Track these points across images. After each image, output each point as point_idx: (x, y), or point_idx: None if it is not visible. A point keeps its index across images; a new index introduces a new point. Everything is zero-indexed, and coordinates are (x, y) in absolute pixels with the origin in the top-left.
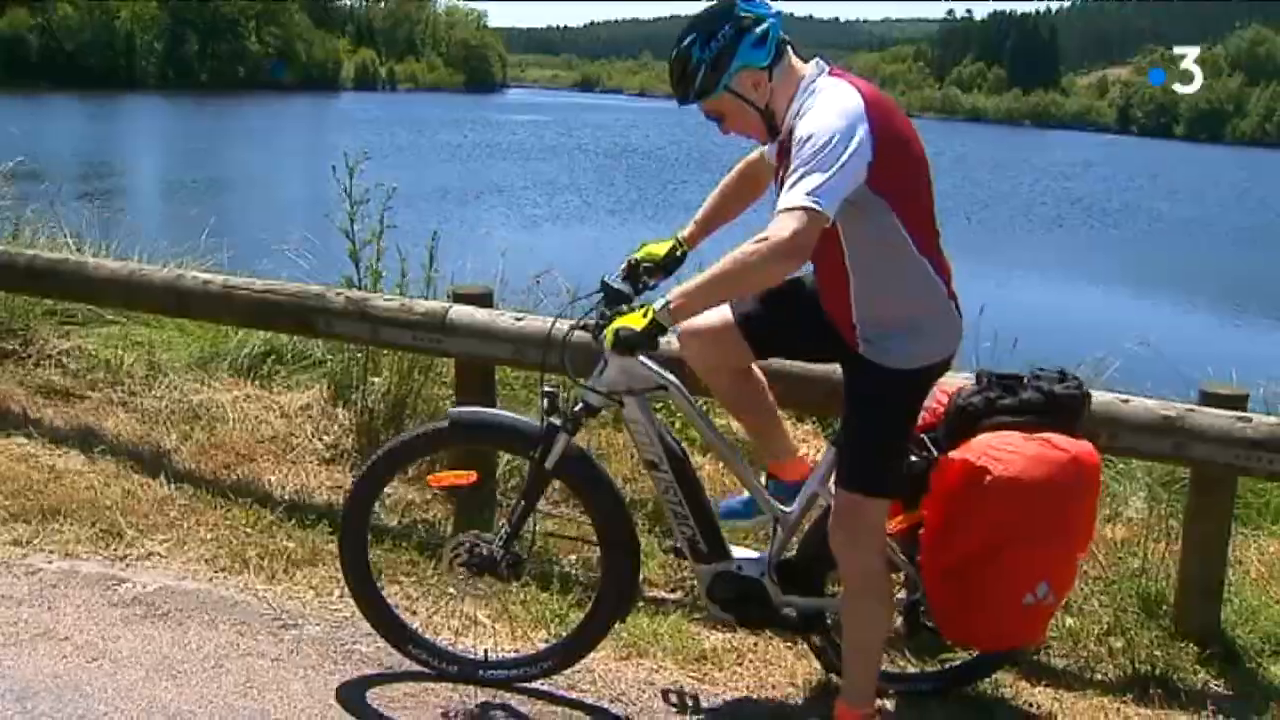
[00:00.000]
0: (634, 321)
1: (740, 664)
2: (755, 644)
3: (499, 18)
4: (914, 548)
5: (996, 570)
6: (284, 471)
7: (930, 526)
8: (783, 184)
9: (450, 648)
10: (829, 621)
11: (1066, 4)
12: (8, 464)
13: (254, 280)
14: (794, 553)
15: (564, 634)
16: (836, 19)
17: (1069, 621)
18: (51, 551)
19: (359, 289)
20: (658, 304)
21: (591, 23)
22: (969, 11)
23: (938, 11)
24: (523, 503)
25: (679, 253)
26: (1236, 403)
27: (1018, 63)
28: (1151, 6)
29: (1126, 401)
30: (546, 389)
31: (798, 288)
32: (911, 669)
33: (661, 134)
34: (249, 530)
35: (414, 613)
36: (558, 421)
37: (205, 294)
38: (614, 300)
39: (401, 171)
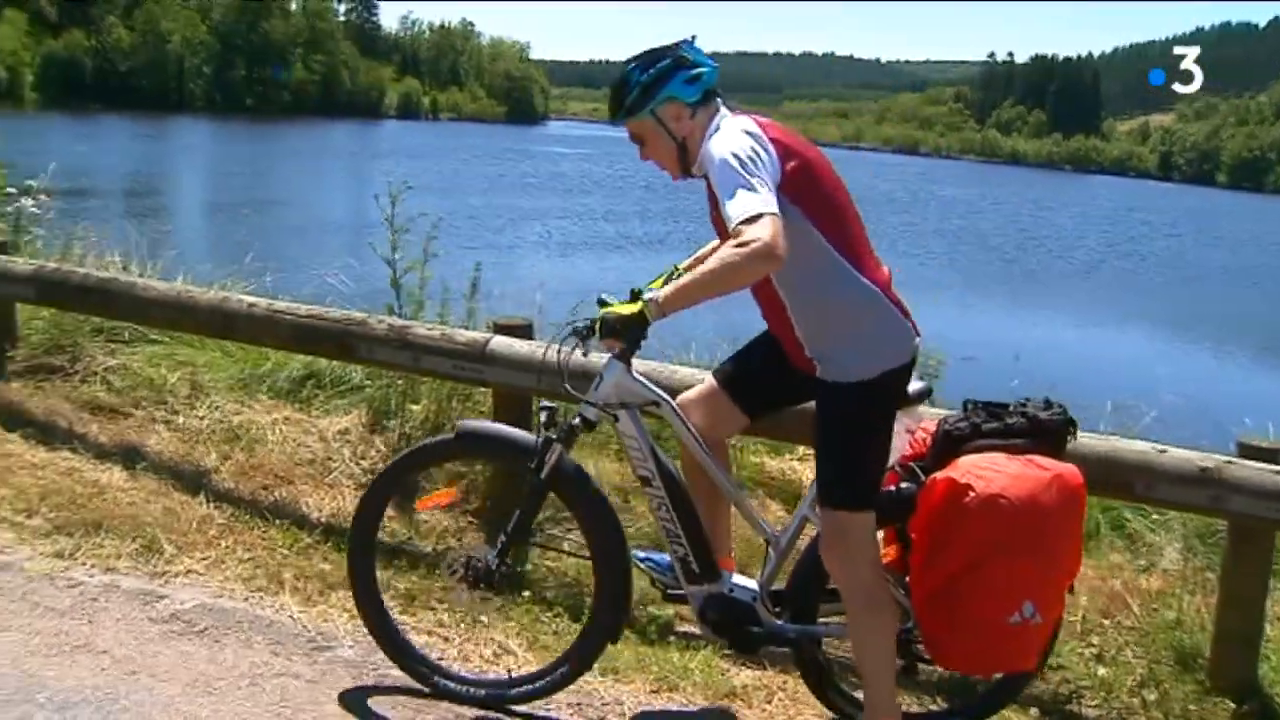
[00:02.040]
0: (624, 309)
1: (770, 701)
2: (785, 682)
3: (542, 50)
4: (905, 576)
5: (979, 587)
6: (321, 495)
7: (917, 547)
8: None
9: (440, 662)
10: (821, 647)
11: (1109, 49)
12: (53, 477)
13: (298, 305)
14: (787, 579)
15: (559, 653)
16: (877, 59)
17: (1101, 671)
18: (93, 565)
19: (400, 316)
20: (647, 295)
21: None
22: (1011, 54)
23: (979, 53)
24: (519, 516)
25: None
26: (1275, 456)
27: (1059, 107)
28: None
29: (1163, 452)
30: (544, 404)
31: (766, 339)
32: (932, 707)
33: None
34: (286, 551)
35: (447, 639)
36: (554, 435)
37: (250, 317)
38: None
39: (443, 200)
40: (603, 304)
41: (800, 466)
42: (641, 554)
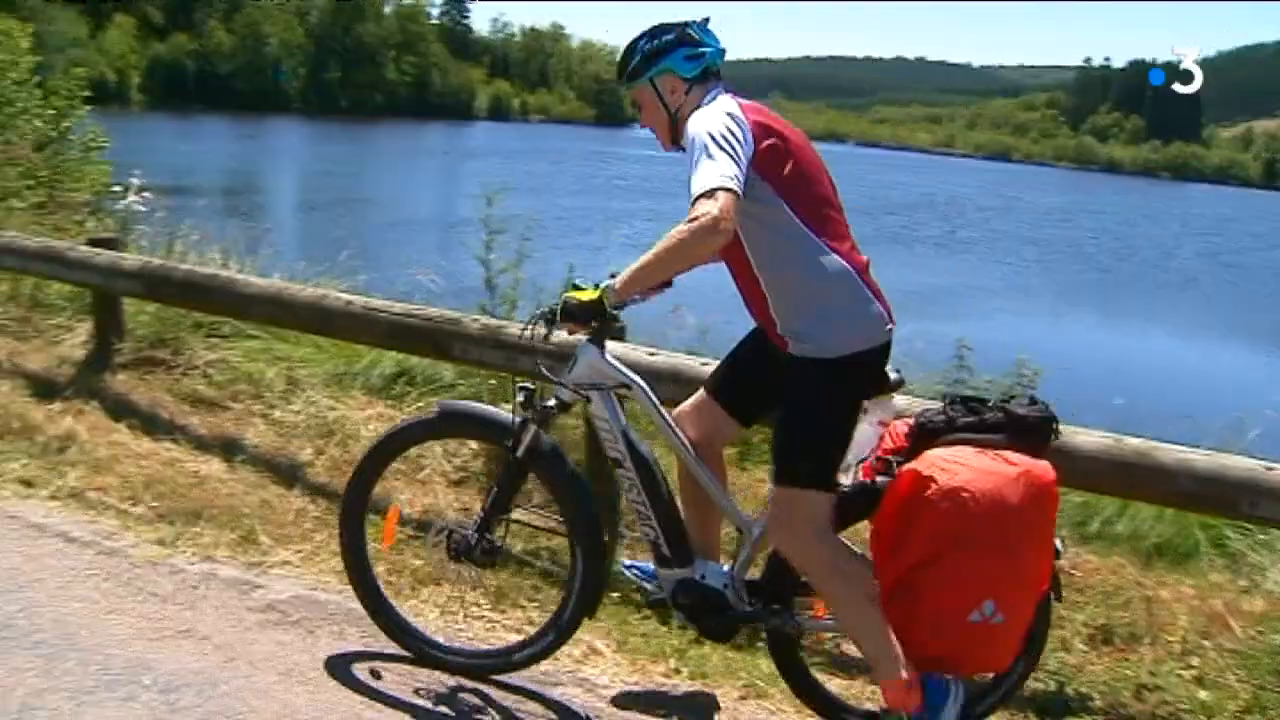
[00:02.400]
0: (583, 294)
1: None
2: (874, 692)
3: None
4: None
5: (939, 581)
6: (413, 491)
7: (881, 539)
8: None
9: (424, 631)
10: (799, 643)
11: (1211, 53)
12: (156, 467)
13: (394, 303)
14: (760, 569)
15: (535, 628)
16: (970, 64)
17: (1203, 695)
18: (193, 553)
19: (493, 316)
20: (605, 282)
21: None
22: (1108, 59)
23: (1075, 58)
24: (496, 491)
25: None
26: None
27: (1157, 113)
28: None
29: (1271, 469)
30: (522, 385)
31: (749, 342)
32: None
33: None
34: (378, 546)
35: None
36: (530, 415)
37: (348, 314)
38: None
39: (533, 200)
40: (575, 288)
41: None
42: (628, 562)
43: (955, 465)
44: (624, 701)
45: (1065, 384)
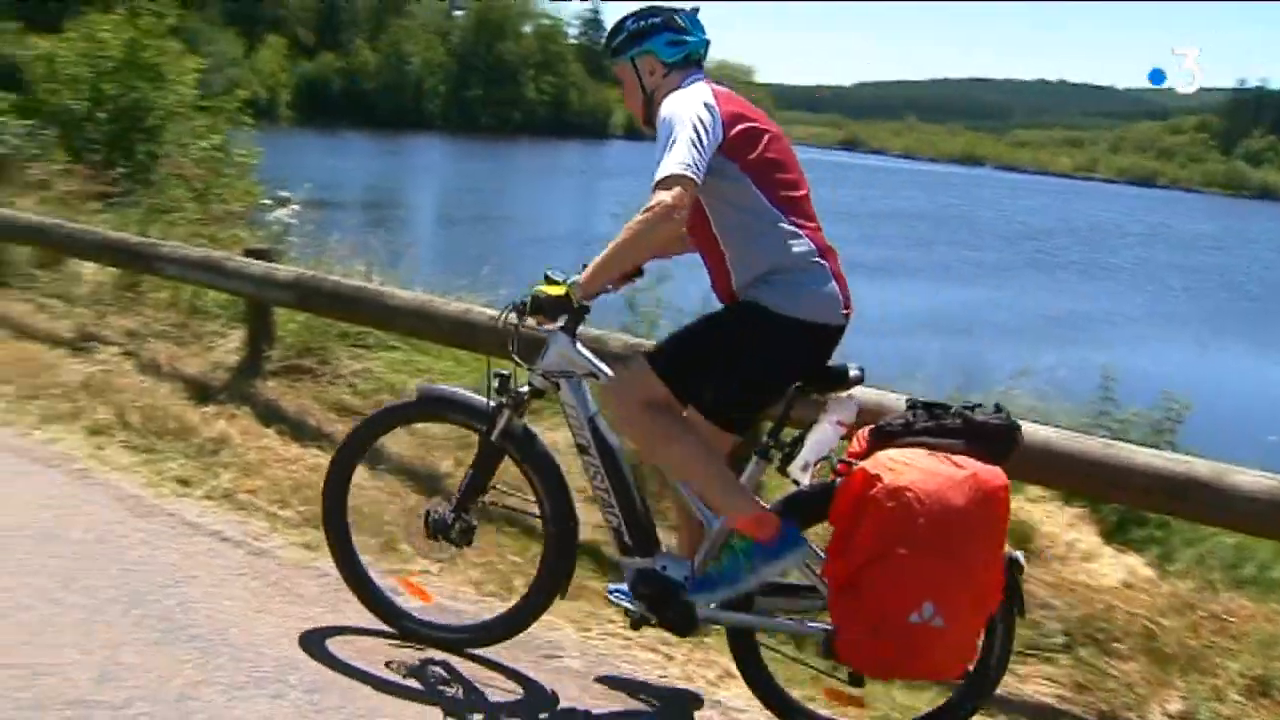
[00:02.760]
0: (551, 290)
1: None
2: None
3: (767, 74)
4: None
5: (880, 580)
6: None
7: (833, 539)
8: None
9: (403, 606)
10: (757, 644)
11: None
12: (303, 472)
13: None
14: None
15: (508, 605)
16: (1113, 86)
17: None
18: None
19: (634, 334)
20: (573, 278)
21: (860, 83)
22: (1263, 81)
23: (1227, 80)
24: (472, 473)
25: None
26: None
27: None
28: None
29: None
30: (497, 371)
31: None
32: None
33: (929, 197)
34: (517, 559)
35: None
36: (505, 400)
37: (491, 329)
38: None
39: None
40: (548, 280)
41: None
42: (612, 587)
43: (902, 465)
44: None
45: (1215, 418)
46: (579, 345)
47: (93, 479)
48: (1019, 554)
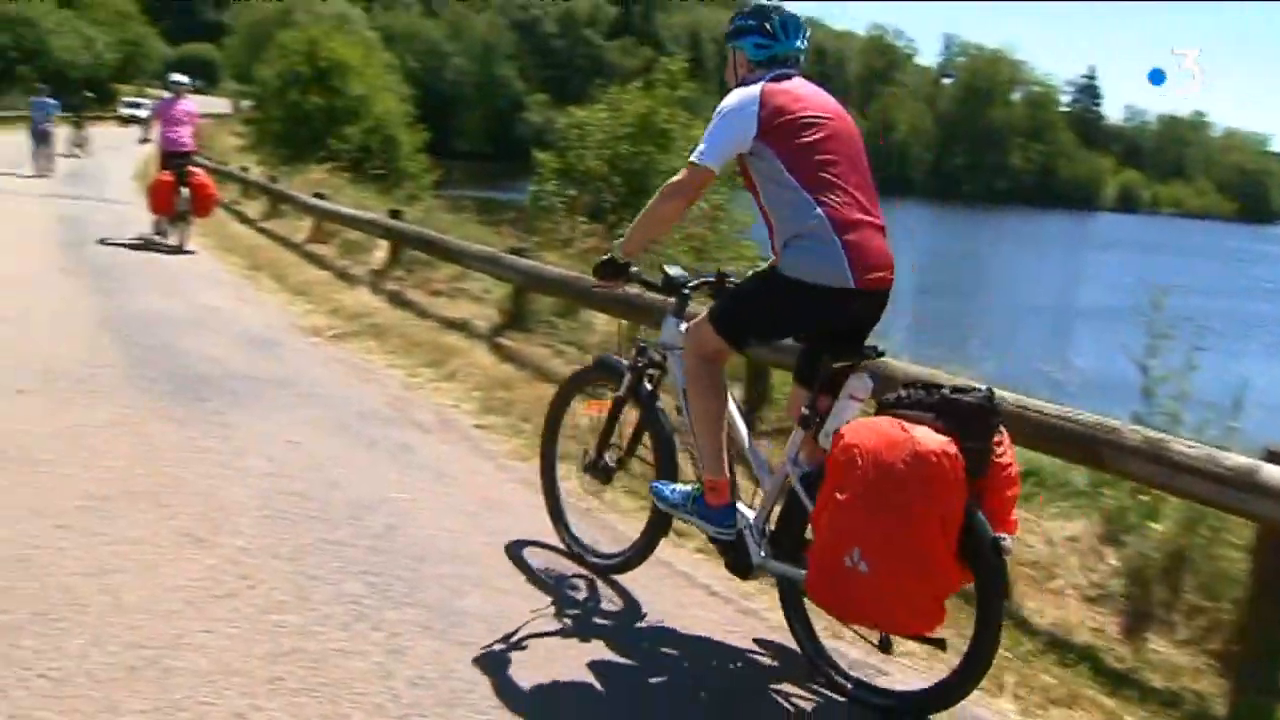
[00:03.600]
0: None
1: None
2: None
3: None
4: None
5: (825, 523)
6: (1044, 600)
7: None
8: None
9: (579, 535)
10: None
11: None
12: None
13: (1047, 404)
14: (776, 522)
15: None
16: None
17: None
18: (823, 627)
19: (1148, 426)
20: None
21: None
22: None
23: None
24: (607, 422)
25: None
26: None
27: None
28: None
29: None
30: (639, 341)
31: None
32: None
33: None
34: (1008, 654)
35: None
36: (638, 365)
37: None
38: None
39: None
40: (661, 271)
41: None
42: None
43: (863, 428)
44: None
45: None
46: (683, 325)
47: (599, 520)
48: (1005, 537)
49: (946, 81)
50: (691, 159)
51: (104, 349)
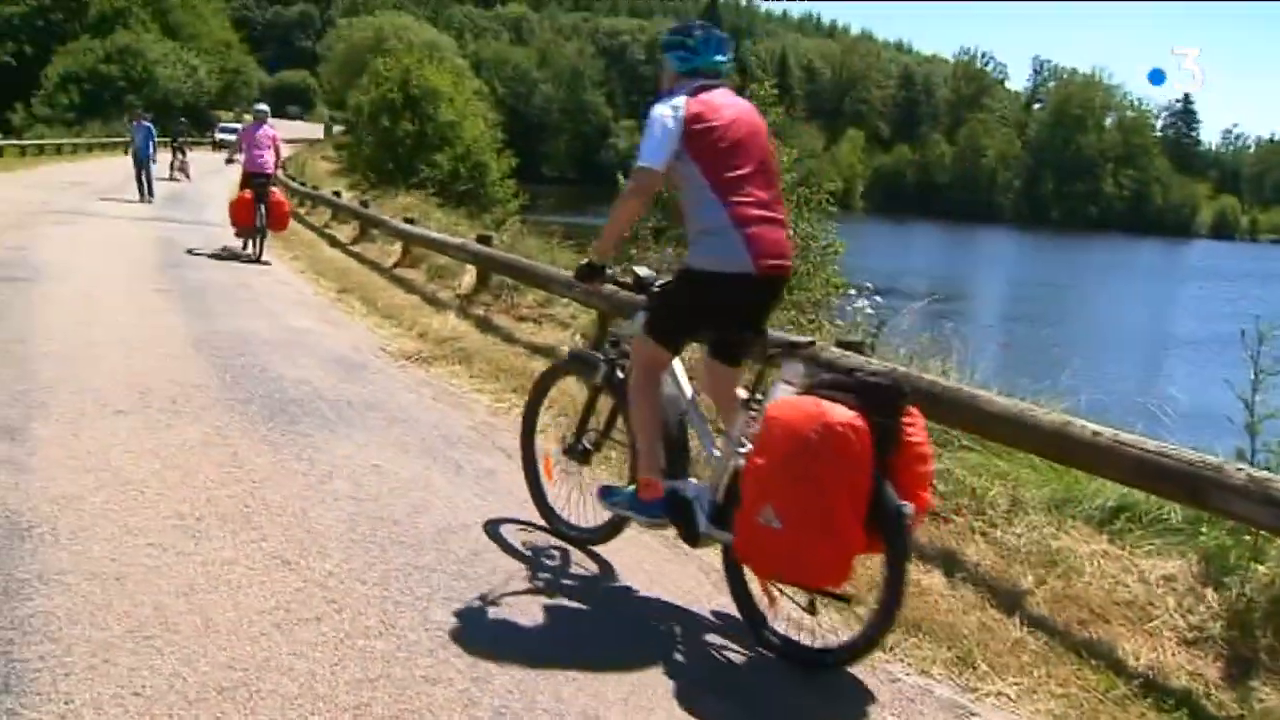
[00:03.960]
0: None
1: None
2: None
3: None
4: None
5: (746, 485)
6: (1138, 641)
7: None
8: None
9: (558, 509)
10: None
11: None
12: (880, 571)
13: (1145, 439)
14: (722, 495)
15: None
16: None
17: None
18: (910, 664)
19: (1254, 465)
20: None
21: None
22: None
23: None
24: (584, 409)
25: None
26: None
27: None
28: None
29: None
30: (613, 334)
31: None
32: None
33: None
34: (1100, 696)
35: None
36: (610, 356)
37: (1091, 445)
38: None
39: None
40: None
41: None
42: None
43: (785, 404)
44: None
45: None
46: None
47: (692, 556)
48: (908, 506)
49: (1037, 106)
50: (637, 164)
51: (197, 370)
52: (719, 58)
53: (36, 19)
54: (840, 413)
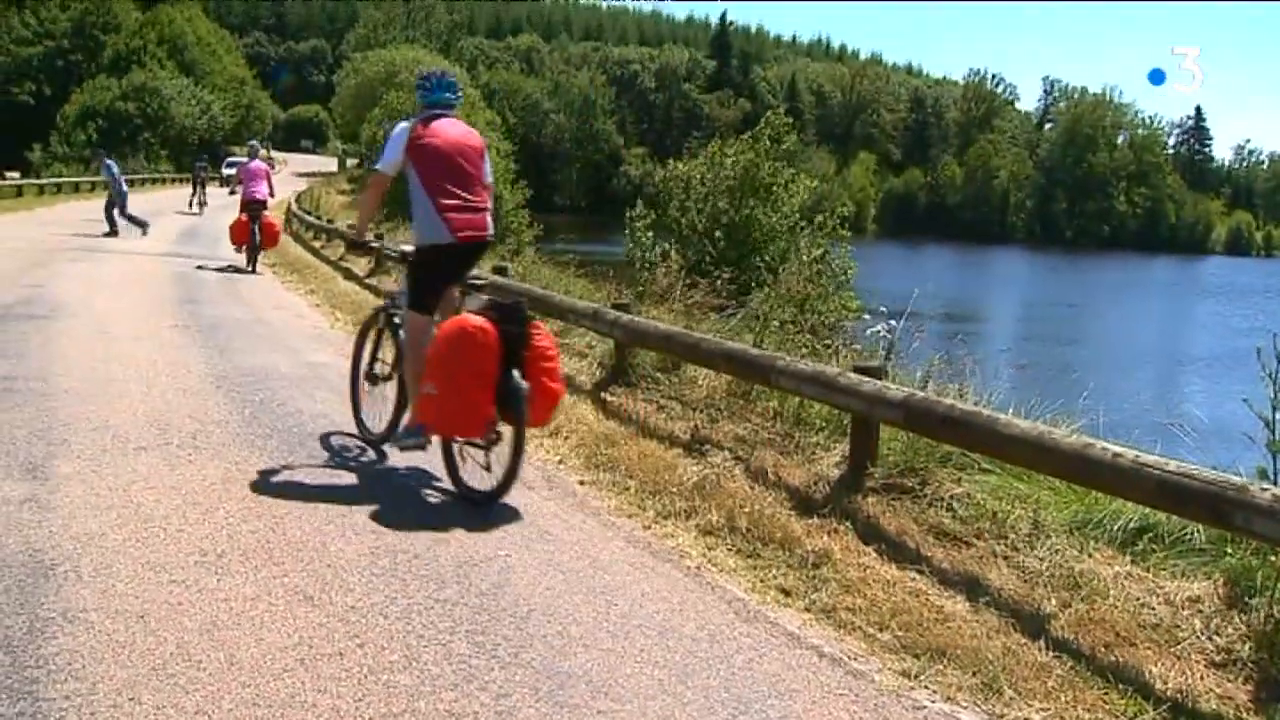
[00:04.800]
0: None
1: None
2: None
3: None
4: None
5: (428, 361)
6: (1165, 665)
7: None
8: None
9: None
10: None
11: None
12: (902, 596)
13: (1167, 460)
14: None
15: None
16: None
17: None
18: (935, 691)
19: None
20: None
21: None
22: None
23: None
24: (373, 344)
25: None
26: None
27: None
28: None
29: None
30: (388, 295)
31: None
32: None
33: None
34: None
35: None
36: (387, 304)
37: (1113, 467)
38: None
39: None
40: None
41: None
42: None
43: (447, 321)
44: None
45: None
46: (401, 279)
47: (703, 579)
48: (523, 385)
49: (1048, 127)
50: (375, 167)
51: (216, 406)
52: (448, 95)
53: (55, 60)
54: (474, 320)
